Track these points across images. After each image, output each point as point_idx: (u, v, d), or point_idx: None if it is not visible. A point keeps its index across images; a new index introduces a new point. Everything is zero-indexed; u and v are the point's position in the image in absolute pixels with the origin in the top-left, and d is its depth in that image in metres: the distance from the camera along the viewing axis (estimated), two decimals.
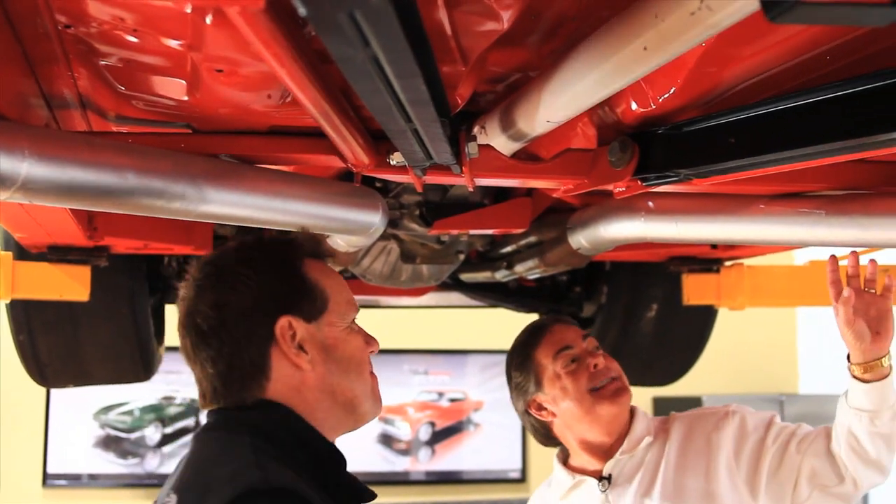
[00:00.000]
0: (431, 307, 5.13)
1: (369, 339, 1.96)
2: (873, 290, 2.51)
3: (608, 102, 2.08)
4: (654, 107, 2.02)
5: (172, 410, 8.68)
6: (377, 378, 1.96)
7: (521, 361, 2.79)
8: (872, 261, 2.54)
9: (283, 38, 1.35)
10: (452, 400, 9.10)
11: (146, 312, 3.86)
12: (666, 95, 1.97)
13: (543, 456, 2.93)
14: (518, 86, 2.06)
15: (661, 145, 2.12)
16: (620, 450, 2.68)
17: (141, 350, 3.89)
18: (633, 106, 2.06)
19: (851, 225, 2.26)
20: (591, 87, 1.70)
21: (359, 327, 1.96)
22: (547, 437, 2.82)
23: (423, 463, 8.99)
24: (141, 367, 4.02)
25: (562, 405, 2.70)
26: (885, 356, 2.44)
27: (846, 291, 2.42)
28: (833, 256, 2.53)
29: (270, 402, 1.80)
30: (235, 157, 2.21)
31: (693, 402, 6.35)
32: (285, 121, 2.15)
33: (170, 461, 8.59)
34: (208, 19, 1.52)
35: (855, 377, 2.46)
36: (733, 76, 1.85)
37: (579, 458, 2.77)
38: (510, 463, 9.08)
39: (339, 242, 2.85)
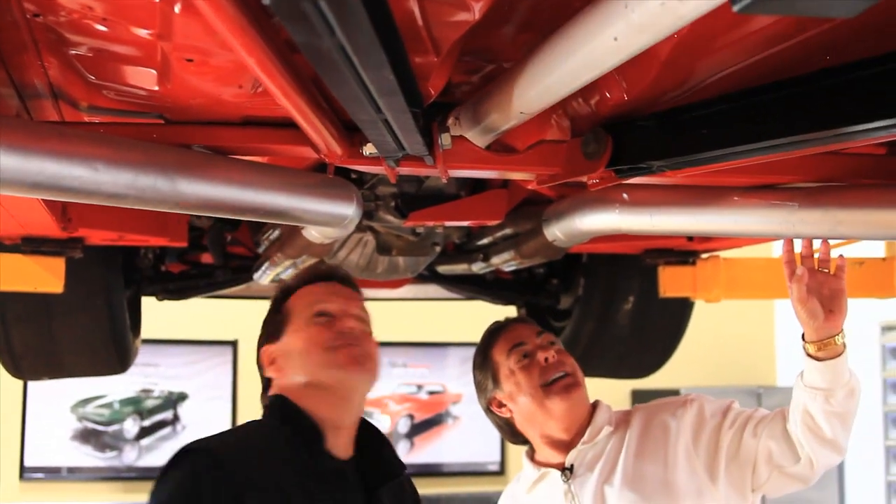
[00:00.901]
0: (409, 299, 5.15)
1: (328, 326, 2.28)
2: (826, 271, 2.52)
3: (582, 93, 2.08)
4: (627, 98, 2.02)
5: (150, 403, 8.69)
6: (346, 348, 2.24)
7: (480, 361, 2.84)
8: (825, 241, 2.55)
9: (251, 26, 1.34)
10: (431, 392, 9.12)
11: (122, 305, 3.85)
12: (639, 87, 1.97)
13: (522, 449, 2.95)
14: (493, 76, 2.06)
15: (634, 137, 2.13)
16: (581, 440, 2.69)
17: (116, 342, 3.88)
18: (607, 97, 2.06)
19: (825, 217, 2.28)
20: (563, 79, 1.70)
21: (323, 318, 2.29)
22: (512, 433, 2.85)
23: (403, 456, 8.96)
24: (116, 360, 4.01)
25: (518, 400, 2.73)
26: (838, 334, 2.45)
27: (799, 270, 2.44)
28: (788, 239, 2.54)
29: (274, 395, 2.29)
30: (208, 148, 2.20)
31: (671, 395, 6.37)
32: (258, 111, 2.14)
33: (148, 454, 8.61)
34: (177, 8, 1.52)
35: (809, 355, 2.46)
36: (705, 68, 1.85)
37: (543, 452, 2.78)
38: (489, 455, 9.10)
39: (313, 234, 2.84)
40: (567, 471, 2.70)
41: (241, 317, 7.97)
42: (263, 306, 3.20)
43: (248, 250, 4.01)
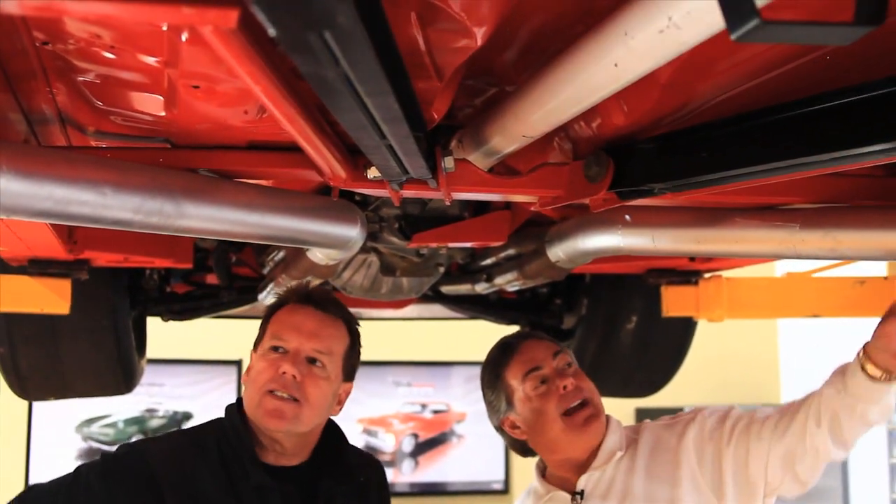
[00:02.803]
0: (414, 319, 5.17)
1: (274, 362, 2.41)
2: None
3: (584, 117, 2.10)
4: (628, 121, 2.05)
5: (155, 423, 8.69)
6: (272, 397, 2.38)
7: (491, 380, 2.76)
8: None
9: (257, 55, 1.36)
10: (436, 412, 9.12)
11: (127, 325, 3.87)
12: (640, 110, 1.99)
13: (527, 467, 2.93)
14: (496, 100, 2.08)
15: (636, 159, 2.15)
16: (592, 465, 2.63)
17: (122, 363, 3.91)
18: (609, 120, 2.08)
19: (825, 238, 2.29)
20: (565, 103, 1.73)
21: (275, 354, 2.42)
22: (524, 450, 2.78)
23: (407, 474, 9.00)
24: (122, 380, 4.05)
25: (535, 427, 2.66)
26: None
27: None
28: None
29: (240, 400, 2.47)
30: (214, 172, 2.23)
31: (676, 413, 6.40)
32: (263, 135, 2.16)
33: None
34: (184, 37, 1.54)
35: (863, 370, 2.33)
36: (706, 92, 1.88)
37: (555, 472, 2.75)
38: (493, 474, 9.10)
39: (318, 255, 2.86)
40: (577, 496, 2.67)
41: (246, 337, 7.99)
42: None
43: (252, 271, 4.03)
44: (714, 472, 2.56)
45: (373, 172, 2.13)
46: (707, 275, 3.96)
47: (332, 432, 2.57)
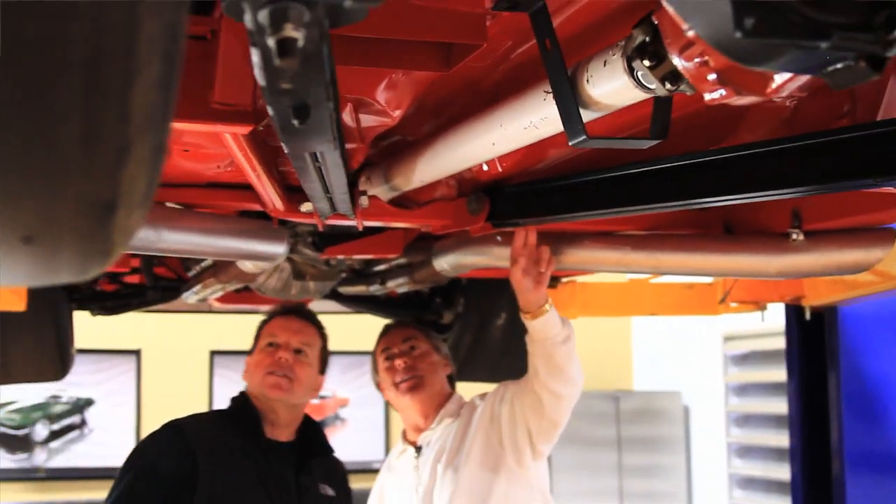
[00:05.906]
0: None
1: (270, 353, 3.29)
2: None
3: None
4: (501, 170, 2.67)
5: (59, 408, 9.00)
6: (272, 375, 3.26)
7: (373, 353, 3.73)
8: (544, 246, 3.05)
9: (254, 142, 1.97)
10: (321, 397, 9.58)
11: (66, 320, 4.33)
12: (510, 163, 2.62)
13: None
14: (398, 144, 2.65)
15: (507, 199, 2.77)
16: (429, 427, 3.53)
17: (60, 353, 4.37)
18: (486, 169, 2.70)
19: (649, 258, 2.90)
20: (453, 163, 2.35)
21: (270, 348, 3.31)
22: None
23: None
24: (60, 368, 4.49)
25: (385, 391, 3.66)
26: (545, 304, 3.15)
27: (522, 261, 3.02)
28: (523, 235, 3.02)
29: (240, 392, 3.34)
30: (179, 204, 2.78)
31: None
32: (221, 178, 2.71)
33: (57, 456, 8.95)
34: None
35: (528, 321, 3.18)
36: (552, 154, 2.53)
37: (407, 431, 3.67)
38: (374, 454, 9.50)
39: (247, 265, 3.41)
40: (417, 449, 3.50)
41: (145, 328, 8.40)
42: (165, 318, 3.85)
43: (171, 272, 4.50)
44: (497, 426, 3.37)
45: (305, 207, 2.68)
46: (564, 280, 4.58)
47: (309, 422, 3.40)
